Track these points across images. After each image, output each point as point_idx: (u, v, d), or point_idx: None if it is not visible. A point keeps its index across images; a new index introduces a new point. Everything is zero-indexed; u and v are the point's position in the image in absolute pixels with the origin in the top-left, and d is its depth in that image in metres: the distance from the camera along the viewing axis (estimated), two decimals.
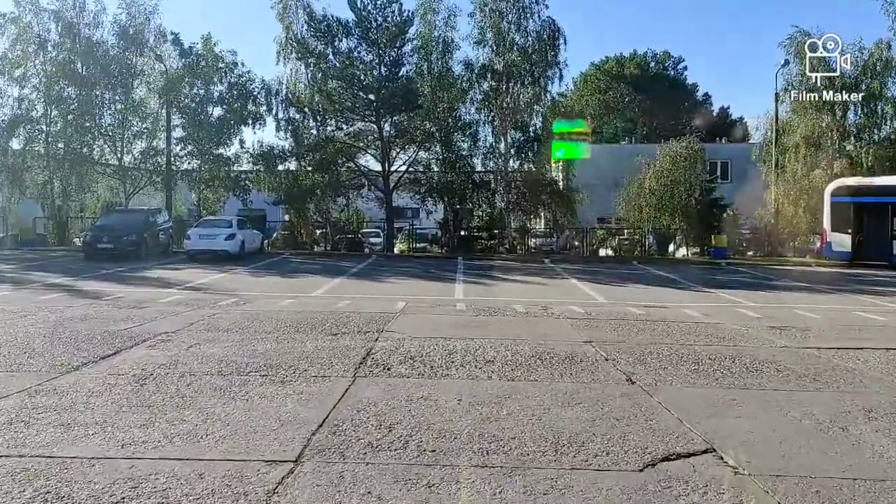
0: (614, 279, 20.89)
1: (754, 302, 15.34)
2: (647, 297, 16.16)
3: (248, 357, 7.76)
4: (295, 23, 31.90)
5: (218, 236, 24.04)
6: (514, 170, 33.13)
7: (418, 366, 7.48)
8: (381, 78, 29.97)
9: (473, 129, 32.45)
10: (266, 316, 11.30)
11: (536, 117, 32.33)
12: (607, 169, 47.00)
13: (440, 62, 31.37)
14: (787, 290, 18.30)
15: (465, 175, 32.14)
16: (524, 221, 34.22)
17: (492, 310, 12.91)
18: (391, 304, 13.48)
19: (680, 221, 33.11)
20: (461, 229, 34.51)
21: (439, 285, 18.01)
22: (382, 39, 30.07)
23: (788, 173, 31.21)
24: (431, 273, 22.01)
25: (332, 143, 30.92)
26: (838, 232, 27.37)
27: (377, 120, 31.07)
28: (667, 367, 7.70)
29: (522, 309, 13.16)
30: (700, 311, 13.51)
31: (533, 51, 31.27)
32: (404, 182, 33.87)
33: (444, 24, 31.37)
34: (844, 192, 27.33)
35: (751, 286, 19.32)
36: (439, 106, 31.27)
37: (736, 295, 16.71)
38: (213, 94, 33.23)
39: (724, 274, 23.73)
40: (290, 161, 32.53)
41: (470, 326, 10.63)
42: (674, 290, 17.85)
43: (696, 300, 15.69)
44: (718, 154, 46.46)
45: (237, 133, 33.34)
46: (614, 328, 10.80)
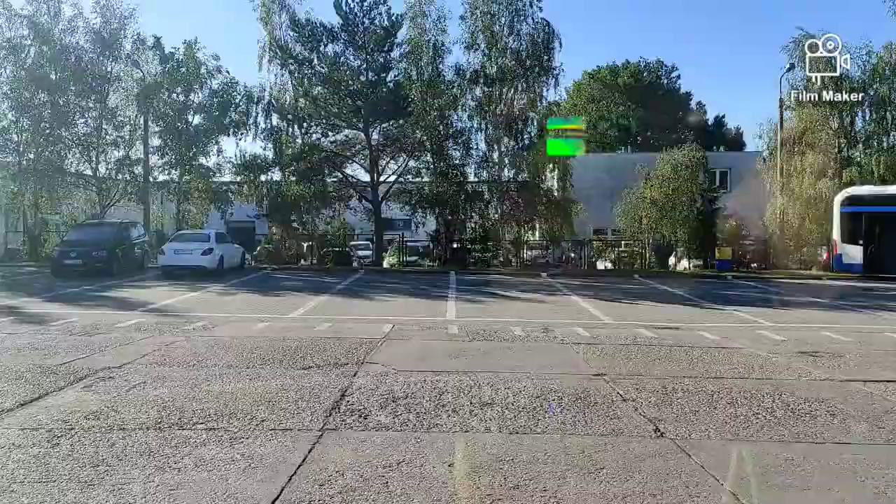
0: (617, 295, 19.76)
1: (773, 321, 14.22)
2: (656, 315, 15.02)
3: (199, 401, 6.54)
4: (278, 27, 30.78)
5: (194, 251, 22.80)
6: (509, 179, 31.99)
7: (401, 412, 6.28)
8: (368, 83, 28.88)
9: (465, 137, 31.35)
10: (233, 344, 10.07)
11: (531, 124, 31.22)
12: (603, 178, 46.03)
13: (430, 67, 30.25)
14: (804, 307, 17.21)
15: (456, 185, 30.98)
16: (519, 233, 33.04)
17: (488, 333, 11.74)
18: (376, 327, 12.29)
19: (681, 233, 32.08)
20: (453, 241, 33.34)
21: (430, 304, 16.82)
22: (369, 44, 29.01)
23: (794, 182, 30.21)
24: (422, 289, 20.82)
25: (318, 151, 29.73)
26: (849, 243, 26.38)
27: (364, 127, 29.95)
28: (698, 411, 6.52)
29: (521, 332, 12.00)
30: (717, 332, 12.37)
31: (527, 55, 30.19)
32: (394, 192, 32.74)
33: (433, 28, 30.31)
34: (855, 201, 26.36)
35: (764, 302, 18.21)
36: (430, 113, 30.16)
37: (751, 313, 15.59)
38: (192, 101, 32.07)
39: (733, 289, 22.62)
40: (274, 171, 31.34)
41: (464, 355, 9.45)
42: (683, 308, 16.71)
43: (708, 319, 14.55)
44: (718, 163, 45.47)
45: (218, 142, 32.18)
46: (626, 356, 9.64)
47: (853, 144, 29.87)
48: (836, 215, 26.82)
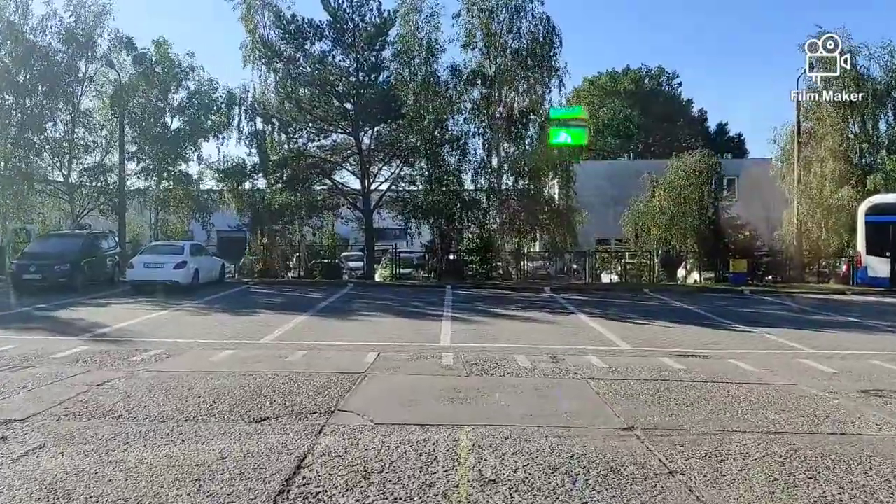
0: (628, 313, 18.17)
1: (810, 346, 12.64)
2: (676, 339, 13.43)
3: (100, 482, 4.92)
4: (262, 25, 29.30)
5: (165, 265, 21.15)
6: (508, 187, 30.42)
7: (373, 499, 4.66)
8: (357, 84, 27.31)
9: (462, 142, 29.77)
10: (180, 383, 8.45)
11: (533, 128, 29.69)
12: (605, 186, 44.64)
13: (424, 67, 28.78)
14: (839, 328, 15.62)
15: (453, 193, 29.42)
16: (519, 244, 31.46)
17: (487, 364, 10.16)
18: (358, 356, 10.72)
19: (692, 243, 30.57)
20: (450, 253, 31.76)
21: (422, 325, 15.20)
22: (359, 42, 27.47)
23: (814, 189, 28.69)
24: (414, 307, 19.22)
25: (304, 157, 28.12)
26: (875, 255, 24.86)
27: (354, 131, 28.38)
28: (774, 492, 4.91)
29: (527, 362, 10.42)
30: (753, 362, 10.82)
31: (528, 54, 28.72)
32: (386, 201, 31.16)
33: (427, 26, 28.88)
34: (881, 210, 24.84)
35: (794, 323, 16.63)
36: (424, 116, 28.65)
37: (784, 336, 14.01)
38: (170, 103, 30.49)
39: (754, 305, 21.05)
40: (258, 178, 29.74)
41: (459, 398, 7.84)
42: (705, 330, 15.12)
43: (740, 344, 12.96)
44: (724, 170, 44.11)
45: (197, 147, 30.60)
46: (656, 397, 8.04)
47: (876, 150, 28.37)
48: (860, 225, 25.30)
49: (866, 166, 28.42)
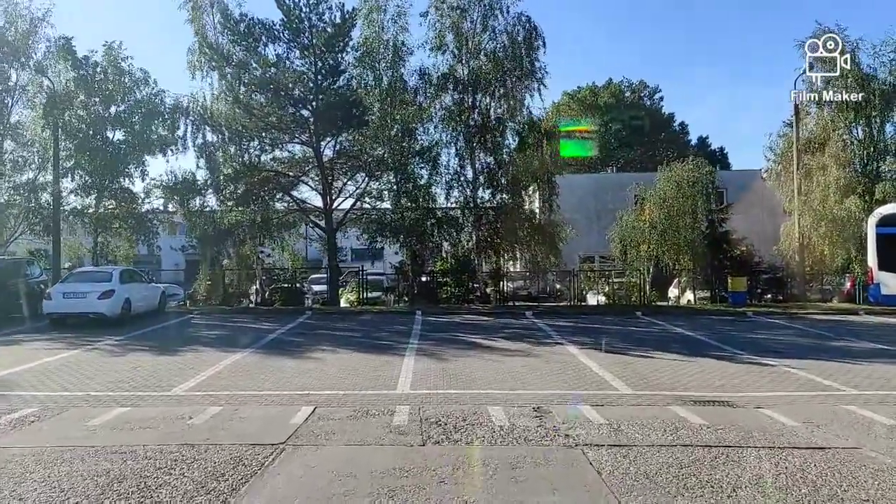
0: (624, 343, 16.03)
1: (851, 385, 10.60)
2: (687, 377, 11.27)
3: None
4: (210, 27, 27.00)
5: (88, 294, 18.61)
6: (485, 201, 28.23)
7: None
8: (315, 89, 25.06)
9: (434, 153, 27.59)
10: (14, 471, 6.10)
11: (512, 137, 27.63)
12: (589, 201, 42.76)
13: (390, 72, 26.63)
14: (870, 359, 13.55)
15: (424, 209, 27.18)
16: (498, 263, 29.24)
17: (453, 424, 7.98)
18: (286, 413, 8.51)
19: (685, 260, 28.56)
20: (422, 274, 29.45)
21: (380, 364, 12.89)
22: (317, 44, 25.26)
23: (816, 200, 26.84)
24: (375, 339, 16.92)
25: (258, 170, 25.75)
26: (888, 271, 22.93)
27: (314, 141, 26.09)
28: None
29: (504, 418, 8.27)
30: (789, 410, 8.79)
31: (505, 56, 26.71)
32: (352, 218, 28.85)
33: (394, 26, 26.77)
34: (894, 220, 22.97)
35: (815, 352, 14.54)
36: (391, 125, 26.48)
37: (811, 369, 11.92)
38: (113, 113, 28.04)
39: (763, 330, 18.98)
40: (209, 194, 27.32)
41: (405, 489, 5.59)
42: (717, 363, 12.96)
43: (763, 384, 10.84)
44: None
45: (142, 162, 28.14)
46: (681, 481, 5.86)
47: (883, 155, 26.62)
48: (870, 238, 23.41)
49: (872, 173, 26.66)
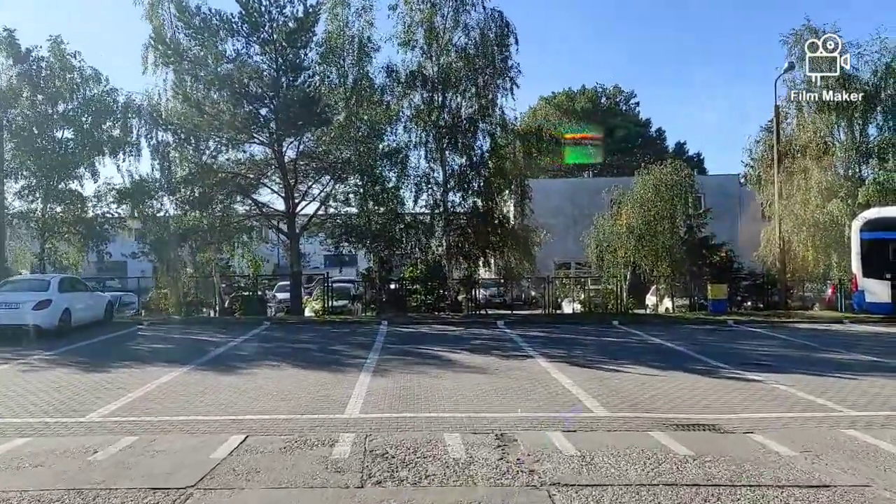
0: (599, 356, 15.12)
1: (847, 404, 9.75)
2: (669, 396, 10.35)
3: None
4: (168, 23, 25.73)
5: (21, 305, 17.30)
6: (456, 204, 27.25)
7: None
8: (273, 85, 23.90)
9: (403, 155, 26.55)
10: None
11: (483, 137, 26.66)
12: (565, 206, 42.12)
13: (356, 69, 25.58)
14: (863, 373, 12.70)
15: (392, 213, 26.11)
16: (470, 270, 28.24)
17: (401, 457, 6.99)
18: (210, 444, 7.46)
19: (663, 266, 27.78)
20: (390, 282, 28.39)
21: (333, 381, 11.79)
22: (279, 39, 24.16)
23: (797, 204, 26.19)
24: (332, 353, 15.84)
25: (214, 172, 24.54)
26: (873, 277, 22.35)
27: (274, 141, 24.95)
28: None
29: (461, 448, 7.30)
30: (783, 436, 7.94)
31: (476, 53, 25.78)
32: (316, 222, 27.72)
33: (359, 21, 25.73)
34: (879, 225, 22.41)
35: (803, 365, 13.70)
36: (357, 125, 25.41)
37: (801, 386, 11.07)
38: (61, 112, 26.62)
39: (746, 340, 18.18)
40: (163, 198, 26.01)
41: None
42: (701, 379, 12.05)
43: (751, 403, 9.93)
44: None
45: (93, 163, 26.75)
46: None
47: (866, 158, 26.06)
48: (854, 243, 22.80)
49: (855, 176, 26.08)
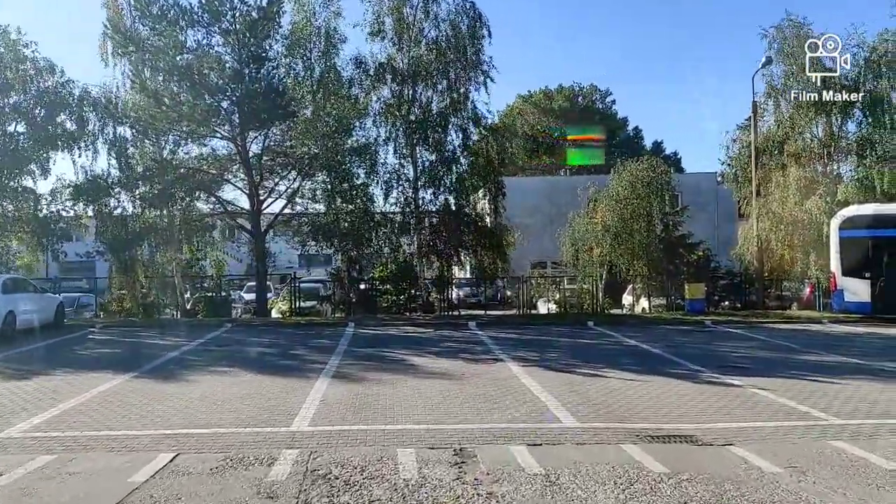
0: (573, 359, 14.54)
1: (832, 411, 9.24)
2: (644, 403, 9.75)
3: None
4: (125, 10, 24.70)
5: None
6: (427, 202, 26.54)
7: None
8: (235, 77, 23.02)
9: (372, 150, 25.80)
10: None
11: (455, 133, 25.98)
12: (541, 205, 41.63)
13: (323, 61, 24.79)
14: (846, 375, 12.21)
15: (361, 210, 25.34)
16: (442, 270, 27.56)
17: (345, 478, 6.35)
18: (134, 465, 6.79)
19: (640, 265, 27.31)
20: (360, 282, 27.63)
21: (285, 389, 11.04)
22: (241, 29, 23.29)
23: (775, 202, 25.83)
24: (292, 357, 15.09)
25: (174, 167, 23.62)
26: (852, 276, 21.99)
27: (239, 136, 24.09)
28: None
29: (413, 468, 6.64)
30: (766, 448, 7.43)
31: (448, 45, 25.12)
32: (282, 221, 26.89)
33: (326, 11, 24.95)
34: (858, 223, 22.05)
35: (784, 368, 13.17)
36: (324, 119, 24.61)
37: (783, 391, 10.55)
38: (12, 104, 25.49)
39: (724, 342, 17.71)
40: (121, 195, 24.96)
41: None
42: (678, 384, 11.48)
43: (730, 410, 9.37)
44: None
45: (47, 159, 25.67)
46: None
47: (845, 154, 25.76)
48: (833, 242, 22.43)
49: (833, 174, 25.78)
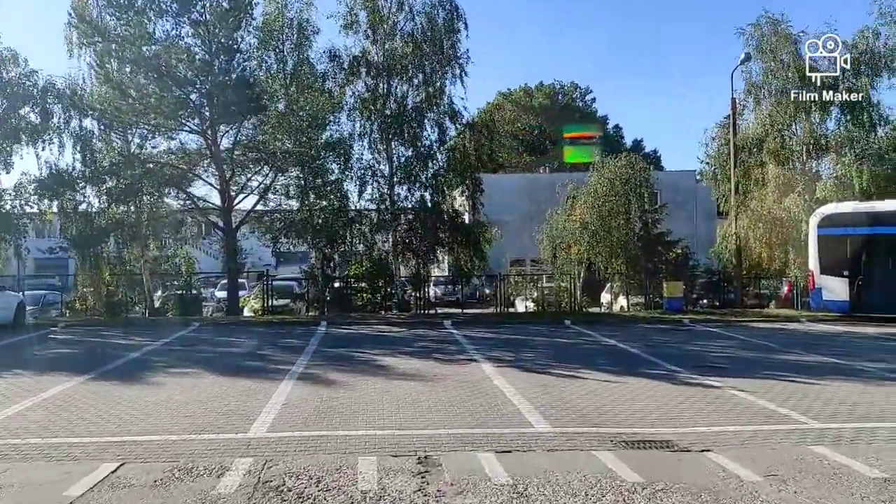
0: (548, 359, 14.24)
1: (812, 414, 8.98)
2: (620, 406, 9.44)
3: None
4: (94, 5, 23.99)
5: None
6: (402, 198, 26.15)
7: None
8: (204, 68, 22.46)
9: (346, 145, 25.36)
10: None
11: (431, 127, 25.62)
12: (520, 202, 41.35)
13: (296, 53, 24.29)
14: (826, 376, 11.99)
15: (335, 207, 24.89)
16: (418, 267, 27.18)
17: (299, 490, 6.03)
18: (72, 475, 6.40)
19: (618, 263, 27.11)
20: (334, 280, 27.19)
21: (246, 392, 10.58)
22: (212, 20, 22.74)
23: (754, 199, 25.74)
24: (258, 358, 14.60)
25: (141, 162, 23.03)
26: (830, 275, 21.89)
27: (209, 129, 23.52)
28: None
29: (373, 478, 6.29)
30: (744, 454, 7.13)
31: (423, 38, 24.73)
32: (255, 217, 26.37)
33: (298, 2, 24.43)
34: (837, 221, 21.97)
35: (763, 368, 12.94)
36: (297, 113, 24.11)
37: (762, 392, 10.30)
38: None
39: (702, 341, 17.50)
40: (86, 189, 24.30)
41: None
42: (655, 385, 11.20)
43: (707, 413, 9.09)
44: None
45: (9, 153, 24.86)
46: None
47: (824, 152, 25.71)
48: (812, 240, 22.34)
49: (812, 171, 25.74)
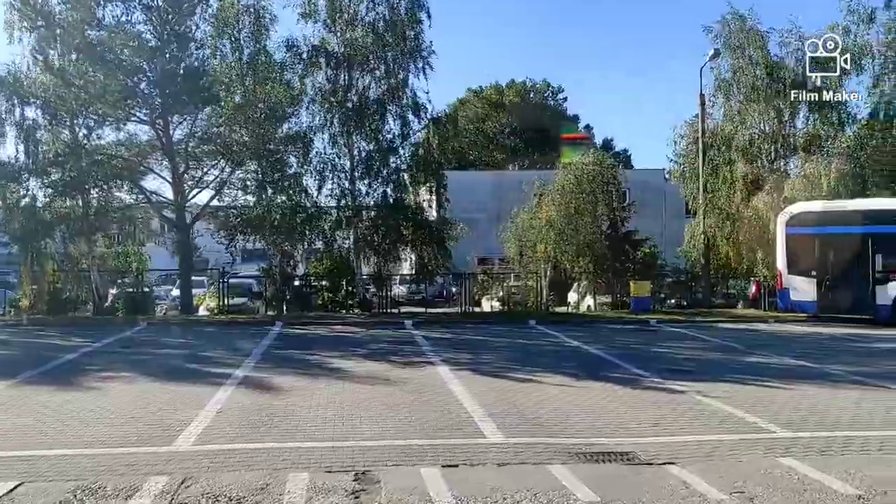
0: (508, 362, 13.72)
1: (780, 422, 8.54)
2: (579, 414, 8.92)
3: None
4: None
5: None
6: (364, 194, 25.48)
7: None
8: (158, 58, 21.61)
9: (305, 139, 24.64)
10: None
11: (394, 121, 24.97)
12: (488, 200, 40.91)
13: (252, 42, 23.45)
14: (794, 380, 11.60)
15: (293, 202, 24.16)
16: (380, 266, 26.52)
17: None
18: None
19: (585, 262, 26.77)
20: (293, 278, 26.42)
21: (180, 399, 9.88)
22: (163, 5, 21.90)
23: (722, 198, 25.56)
24: (201, 361, 13.84)
25: (87, 153, 22.09)
26: (798, 275, 21.69)
27: (160, 120, 22.67)
28: None
29: (300, 498, 5.80)
30: (709, 468, 6.66)
31: (385, 28, 24.06)
32: (210, 212, 25.55)
33: None
34: (805, 220, 21.79)
35: (729, 371, 12.55)
36: (255, 104, 23.34)
37: (728, 398, 9.85)
38: None
39: (668, 342, 17.15)
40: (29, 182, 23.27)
41: None
42: (617, 390, 10.73)
43: (671, 421, 8.61)
44: None
45: None
46: None
47: (793, 150, 25.62)
48: (779, 239, 22.12)
49: (780, 170, 25.62)
